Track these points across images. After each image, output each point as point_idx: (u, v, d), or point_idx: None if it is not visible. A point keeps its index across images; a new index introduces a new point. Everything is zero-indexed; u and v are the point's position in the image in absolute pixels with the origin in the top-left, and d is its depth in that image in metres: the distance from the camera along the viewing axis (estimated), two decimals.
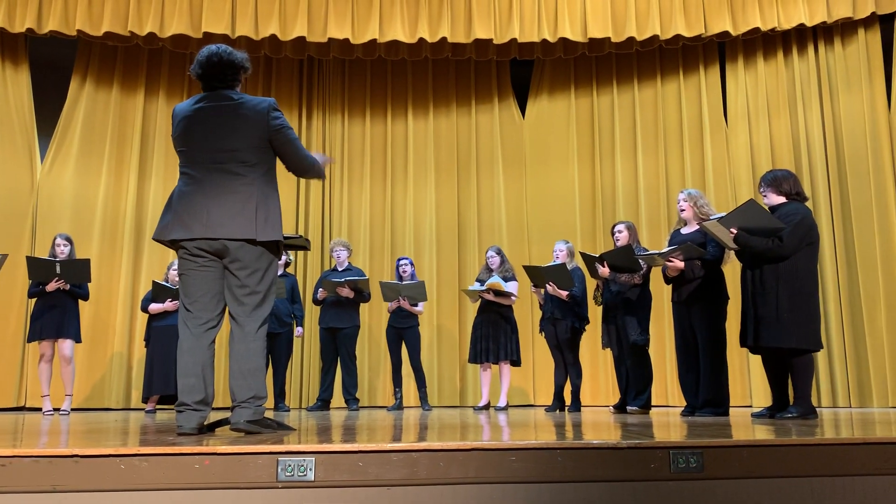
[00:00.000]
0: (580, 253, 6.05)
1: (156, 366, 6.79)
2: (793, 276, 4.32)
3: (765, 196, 4.62)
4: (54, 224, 7.91)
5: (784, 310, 4.27)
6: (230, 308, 2.98)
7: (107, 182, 8.30)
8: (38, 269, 6.29)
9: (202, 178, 2.95)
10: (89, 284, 6.66)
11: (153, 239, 3.08)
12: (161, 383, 6.75)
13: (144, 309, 7.07)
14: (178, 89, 8.78)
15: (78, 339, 6.50)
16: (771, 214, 4.41)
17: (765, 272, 4.38)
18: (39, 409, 6.87)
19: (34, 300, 6.50)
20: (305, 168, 3.18)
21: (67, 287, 6.38)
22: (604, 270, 5.72)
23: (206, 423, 2.98)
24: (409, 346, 7.18)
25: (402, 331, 7.17)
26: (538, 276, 6.30)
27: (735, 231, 4.45)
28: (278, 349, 7.09)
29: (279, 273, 7.19)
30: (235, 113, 3.00)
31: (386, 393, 8.44)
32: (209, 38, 8.07)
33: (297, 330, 7.36)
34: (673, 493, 2.18)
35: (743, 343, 4.56)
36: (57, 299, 6.38)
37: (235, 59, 3.08)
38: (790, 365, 4.37)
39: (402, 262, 7.31)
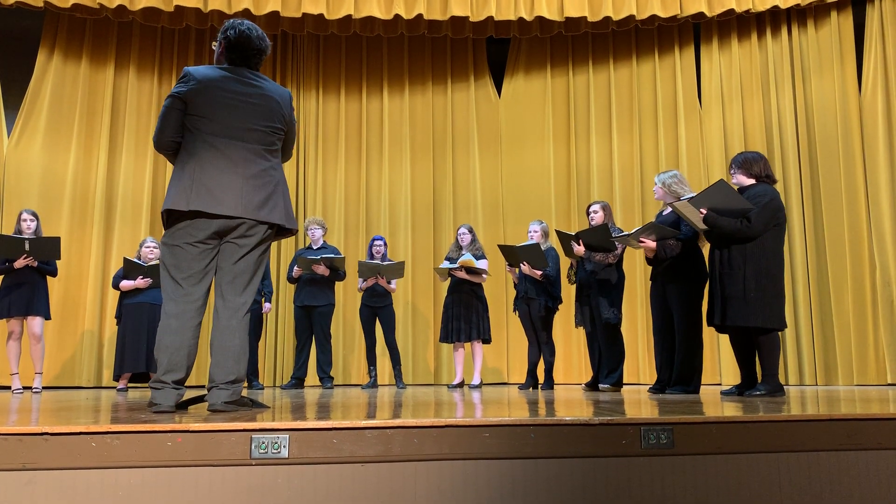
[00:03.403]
0: (556, 231, 6.08)
1: (127, 343, 6.71)
2: (760, 256, 4.38)
3: (734, 177, 4.67)
4: (22, 199, 7.77)
5: (751, 289, 4.34)
6: (220, 285, 2.92)
7: (76, 157, 8.16)
8: (6, 247, 6.18)
9: (228, 155, 2.86)
10: (59, 261, 6.56)
11: (167, 209, 2.85)
12: (132, 361, 6.69)
13: (115, 286, 6.97)
14: (148, 63, 8.63)
15: (47, 317, 6.41)
16: (740, 195, 4.46)
17: (732, 252, 4.44)
18: (9, 388, 6.78)
19: (2, 277, 6.39)
20: (287, 159, 3.25)
21: (35, 264, 6.28)
22: (579, 249, 5.75)
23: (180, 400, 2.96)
24: (383, 325, 7.18)
25: (378, 309, 7.17)
26: (513, 255, 6.32)
27: (705, 211, 4.50)
28: (249, 327, 7.05)
29: None
30: (264, 95, 2.98)
31: (360, 371, 8.45)
32: (181, 11, 7.95)
33: (266, 305, 7.32)
34: (644, 469, 2.22)
35: (710, 322, 4.63)
36: (26, 276, 6.27)
37: (267, 49, 3.11)
38: (756, 343, 4.45)
39: (376, 241, 7.30)
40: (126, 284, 6.82)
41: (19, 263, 6.20)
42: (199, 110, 2.88)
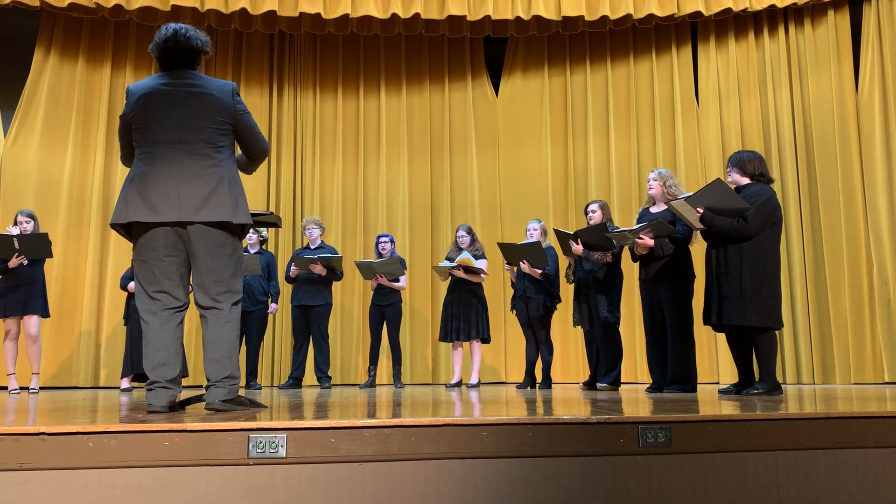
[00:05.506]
0: (554, 230, 6.08)
1: (135, 343, 6.70)
2: (756, 255, 4.39)
3: (730, 176, 4.68)
4: (18, 200, 7.75)
5: (747, 288, 4.35)
6: (198, 296, 2.91)
7: (73, 157, 8.14)
8: None
9: (167, 159, 2.86)
10: (55, 260, 6.53)
11: (111, 224, 2.93)
12: (141, 360, 6.67)
13: (124, 287, 6.97)
14: (145, 63, 8.60)
15: (45, 314, 6.41)
16: (736, 195, 4.46)
17: (729, 251, 4.45)
18: (5, 388, 6.77)
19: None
20: (262, 152, 3.14)
21: (25, 262, 6.26)
22: (577, 248, 5.75)
23: (177, 400, 2.95)
24: (389, 323, 7.20)
25: (384, 308, 7.18)
26: (513, 253, 6.32)
27: (701, 210, 4.50)
28: (251, 327, 7.05)
29: (256, 251, 7.18)
30: (199, 93, 2.93)
31: (358, 370, 8.44)
32: (178, 11, 7.92)
33: (272, 306, 7.32)
34: (641, 467, 2.22)
35: (706, 321, 4.63)
36: (22, 276, 6.26)
37: (195, 45, 3.00)
38: (753, 342, 4.46)
39: (381, 238, 7.30)
40: (134, 286, 6.80)
41: (12, 263, 6.19)
42: (138, 124, 2.92)
